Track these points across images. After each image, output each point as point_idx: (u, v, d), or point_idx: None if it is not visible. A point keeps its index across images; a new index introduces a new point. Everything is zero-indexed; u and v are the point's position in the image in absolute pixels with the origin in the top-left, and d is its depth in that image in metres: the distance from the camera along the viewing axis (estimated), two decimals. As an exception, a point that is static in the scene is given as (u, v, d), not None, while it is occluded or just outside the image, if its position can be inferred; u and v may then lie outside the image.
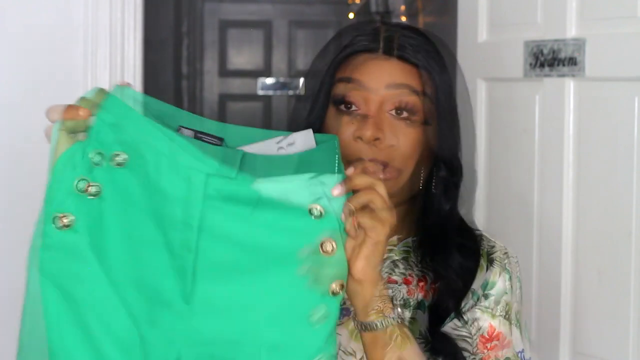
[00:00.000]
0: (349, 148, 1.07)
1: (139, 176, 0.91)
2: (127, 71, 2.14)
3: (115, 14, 2.12)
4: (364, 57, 1.10)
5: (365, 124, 1.06)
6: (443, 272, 1.08)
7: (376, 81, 1.08)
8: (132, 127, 0.91)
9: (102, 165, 0.91)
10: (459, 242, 1.11)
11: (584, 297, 1.88)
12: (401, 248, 1.15)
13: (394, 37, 1.10)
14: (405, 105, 1.08)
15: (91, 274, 0.90)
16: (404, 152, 1.08)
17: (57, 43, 2.10)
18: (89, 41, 2.10)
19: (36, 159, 2.12)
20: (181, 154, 0.89)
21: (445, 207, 1.12)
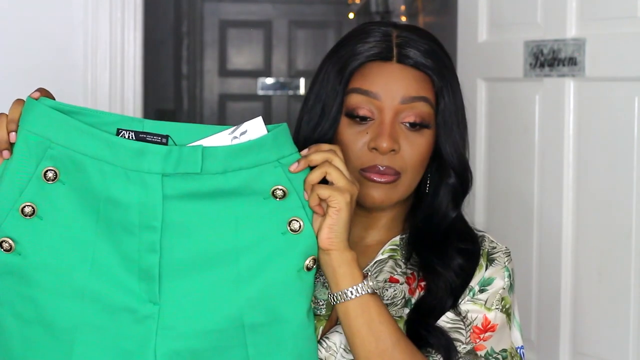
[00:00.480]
0: (364, 157, 1.08)
1: (75, 189, 0.89)
2: (127, 71, 2.15)
3: (115, 14, 2.12)
4: (377, 67, 1.09)
5: (381, 135, 1.06)
6: (443, 273, 1.08)
7: (392, 94, 1.08)
8: (60, 139, 0.90)
9: (32, 183, 0.89)
10: (460, 246, 1.11)
11: (584, 297, 1.88)
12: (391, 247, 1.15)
13: (407, 44, 1.10)
14: (420, 118, 1.08)
15: (42, 295, 0.89)
16: (417, 162, 1.09)
17: (57, 43, 2.10)
18: (89, 41, 2.10)
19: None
20: (127, 158, 0.88)
21: (451, 214, 1.13)
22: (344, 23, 4.45)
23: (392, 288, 1.11)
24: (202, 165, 0.89)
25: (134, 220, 0.89)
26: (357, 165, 1.08)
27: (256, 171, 0.92)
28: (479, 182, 2.19)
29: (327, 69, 1.12)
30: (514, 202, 2.09)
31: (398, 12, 4.08)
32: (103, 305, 0.90)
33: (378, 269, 1.13)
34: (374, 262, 1.13)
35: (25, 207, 0.89)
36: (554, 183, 1.94)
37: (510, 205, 2.11)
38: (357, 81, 1.09)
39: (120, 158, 0.89)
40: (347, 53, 1.11)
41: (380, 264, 1.13)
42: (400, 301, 1.10)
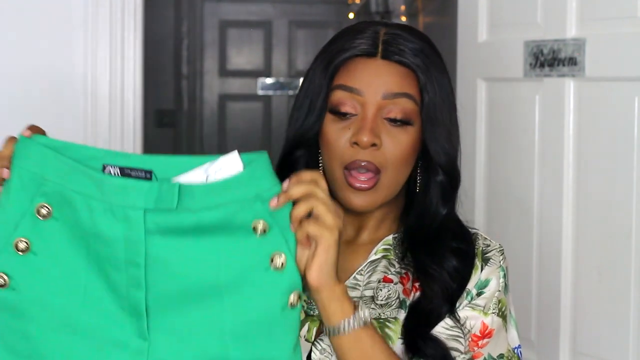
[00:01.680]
0: (345, 153, 1.07)
1: (68, 225, 0.90)
2: (127, 71, 2.14)
3: (115, 14, 2.12)
4: (362, 63, 1.09)
5: (362, 129, 1.06)
6: (437, 275, 1.08)
7: (374, 89, 1.07)
8: (52, 175, 0.90)
9: (26, 218, 0.90)
10: (454, 245, 1.11)
11: (584, 297, 1.88)
12: (384, 246, 1.14)
13: (393, 40, 1.09)
14: (402, 114, 1.08)
15: (36, 330, 0.90)
16: (399, 158, 1.08)
17: (57, 43, 2.10)
18: (89, 41, 2.10)
19: (36, 159, 2.12)
20: (112, 194, 0.88)
21: (442, 211, 1.12)
22: (344, 23, 4.44)
23: (386, 288, 1.10)
24: (178, 203, 0.89)
25: (119, 256, 0.89)
26: (340, 162, 1.08)
27: (235, 207, 0.90)
28: (479, 182, 2.19)
29: (315, 66, 1.13)
30: (514, 202, 2.09)
31: (398, 12, 4.08)
32: (96, 340, 0.90)
33: (371, 268, 1.12)
34: (367, 263, 1.13)
35: (19, 242, 0.89)
36: (554, 183, 1.94)
37: (510, 205, 2.11)
38: (342, 77, 1.09)
39: (106, 194, 0.89)
40: (334, 49, 1.11)
41: (373, 263, 1.13)
42: (394, 301, 1.10)
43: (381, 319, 1.08)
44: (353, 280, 1.12)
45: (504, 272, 1.12)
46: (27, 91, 2.09)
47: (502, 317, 1.10)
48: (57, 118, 2.11)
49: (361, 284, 1.11)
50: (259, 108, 4.85)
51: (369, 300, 1.10)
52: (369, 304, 1.09)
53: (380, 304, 1.09)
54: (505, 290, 1.12)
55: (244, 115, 4.82)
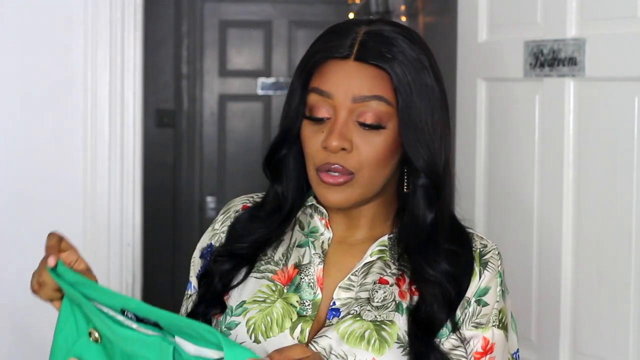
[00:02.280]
0: (317, 156, 1.07)
1: (110, 353, 0.99)
2: (127, 71, 2.15)
3: (115, 14, 2.12)
4: (335, 65, 1.07)
5: (331, 134, 1.05)
6: (432, 279, 1.07)
7: (344, 92, 1.06)
8: (87, 310, 1.00)
9: (82, 340, 1.00)
10: (448, 247, 1.09)
11: (583, 297, 1.88)
12: (380, 247, 1.14)
13: (370, 41, 1.07)
14: (373, 118, 1.06)
15: None
16: (374, 161, 1.07)
17: (57, 44, 2.10)
18: (89, 41, 2.10)
19: (35, 158, 2.12)
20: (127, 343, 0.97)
21: (429, 215, 1.10)
22: (344, 23, 4.44)
23: (382, 290, 1.10)
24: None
25: None
26: (313, 163, 1.08)
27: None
28: (479, 181, 2.18)
29: (297, 67, 1.13)
30: (514, 202, 2.09)
31: (398, 12, 4.08)
32: None
33: (365, 269, 1.12)
34: (362, 264, 1.12)
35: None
36: (553, 183, 1.94)
37: (510, 205, 2.11)
38: (316, 80, 1.09)
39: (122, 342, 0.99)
40: (312, 51, 1.11)
41: (368, 265, 1.12)
42: (390, 304, 1.09)
43: (377, 321, 1.07)
44: (347, 281, 1.11)
45: (501, 277, 1.11)
46: (27, 91, 2.09)
47: (503, 328, 1.10)
48: (57, 118, 2.12)
49: (355, 285, 1.11)
50: (259, 108, 4.85)
51: (365, 302, 1.09)
52: (365, 306, 1.09)
53: (376, 306, 1.08)
54: (503, 296, 1.11)
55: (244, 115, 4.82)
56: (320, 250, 1.14)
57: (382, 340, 1.06)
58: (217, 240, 1.21)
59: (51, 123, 2.11)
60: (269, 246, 1.17)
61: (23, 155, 2.10)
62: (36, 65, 2.09)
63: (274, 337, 1.08)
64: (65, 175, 2.12)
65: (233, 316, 1.12)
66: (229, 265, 1.15)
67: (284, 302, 1.11)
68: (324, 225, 1.15)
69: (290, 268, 1.14)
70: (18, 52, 2.08)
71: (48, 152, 2.11)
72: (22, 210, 2.11)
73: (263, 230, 1.16)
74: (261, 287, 1.13)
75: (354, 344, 1.05)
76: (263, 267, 1.16)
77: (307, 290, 1.11)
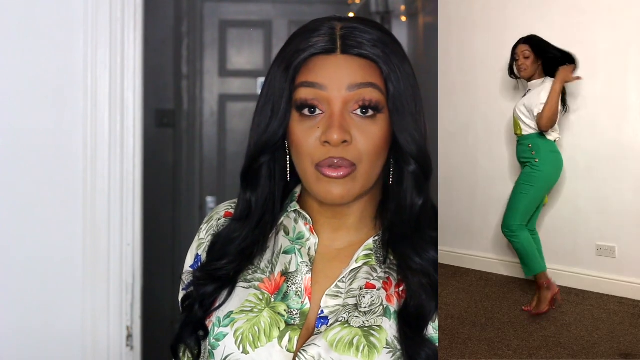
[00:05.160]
0: (316, 152, 1.06)
1: None
2: (127, 71, 2.15)
3: (115, 14, 2.12)
4: (322, 59, 1.08)
5: (331, 127, 1.05)
6: (419, 268, 1.07)
7: (337, 83, 1.06)
8: None
9: None
10: (434, 236, 1.10)
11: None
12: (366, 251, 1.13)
13: (350, 34, 1.08)
14: (369, 103, 1.06)
15: None
16: (372, 150, 1.07)
17: (57, 43, 2.10)
18: (89, 41, 2.10)
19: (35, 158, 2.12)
20: None
21: (418, 201, 1.10)
22: (344, 23, 4.45)
23: (370, 295, 1.09)
24: None
25: None
26: (311, 160, 1.07)
27: None
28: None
29: (274, 70, 1.11)
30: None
31: (398, 12, 4.08)
32: None
33: (352, 275, 1.11)
34: (350, 270, 1.11)
35: None
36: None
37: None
38: (303, 75, 1.08)
39: None
40: (291, 51, 1.10)
41: (355, 271, 1.11)
42: (378, 308, 1.09)
43: (365, 327, 1.07)
44: (335, 288, 1.11)
45: None
46: (27, 91, 2.09)
47: None
48: (57, 118, 2.11)
49: (343, 292, 1.10)
50: (259, 108, 4.84)
51: (352, 308, 1.09)
52: (353, 312, 1.08)
53: (364, 312, 1.08)
54: None
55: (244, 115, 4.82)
56: (308, 258, 1.13)
57: (371, 346, 1.05)
58: (203, 250, 1.21)
59: (51, 123, 2.11)
60: (254, 256, 1.16)
61: (23, 155, 2.10)
62: (36, 65, 2.09)
63: (263, 347, 1.08)
64: (65, 175, 2.12)
65: (221, 327, 1.11)
66: (210, 288, 1.15)
67: (272, 311, 1.10)
68: (309, 230, 1.15)
69: (277, 276, 1.14)
70: (18, 52, 2.08)
71: (48, 152, 2.11)
72: (22, 210, 2.11)
73: (240, 241, 1.15)
74: (248, 296, 1.13)
75: (343, 351, 1.05)
76: (250, 277, 1.15)
77: (295, 299, 1.10)
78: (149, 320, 2.29)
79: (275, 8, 4.83)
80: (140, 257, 2.22)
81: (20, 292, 2.10)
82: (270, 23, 4.85)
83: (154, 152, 4.10)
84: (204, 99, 4.80)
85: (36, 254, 2.11)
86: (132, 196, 2.18)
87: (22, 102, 2.10)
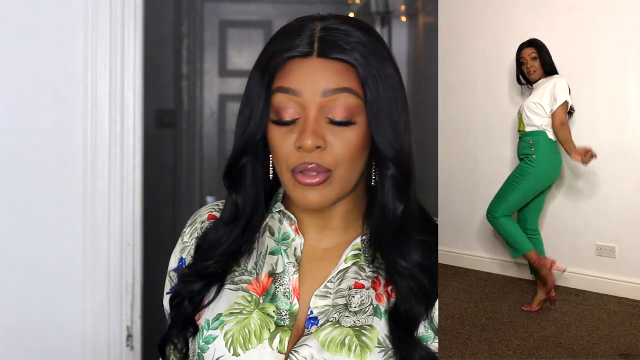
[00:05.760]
0: (291, 157, 1.05)
1: None
2: (127, 71, 2.14)
3: (115, 14, 2.12)
4: (298, 63, 1.05)
5: (304, 133, 1.03)
6: (406, 272, 1.06)
7: (312, 89, 1.04)
8: None
9: None
10: (420, 239, 1.08)
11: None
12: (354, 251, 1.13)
13: (329, 35, 1.06)
14: (344, 113, 1.04)
15: None
16: (348, 156, 1.05)
17: (57, 43, 2.10)
18: (89, 41, 2.10)
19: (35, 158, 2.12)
20: None
21: (399, 206, 1.08)
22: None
23: (359, 294, 1.09)
24: None
25: None
26: (286, 165, 1.06)
27: None
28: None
29: (253, 73, 1.10)
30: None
31: (398, 12, 4.08)
32: None
33: (340, 275, 1.11)
34: (337, 271, 1.11)
35: None
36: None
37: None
38: (279, 80, 1.06)
39: None
40: (269, 52, 1.08)
41: (343, 271, 1.11)
42: (368, 307, 1.08)
43: (357, 327, 1.07)
44: (324, 288, 1.10)
45: None
46: (27, 91, 2.09)
47: None
48: (57, 118, 2.11)
49: (332, 292, 1.10)
50: (259, 108, 4.84)
51: (342, 308, 1.08)
52: (343, 312, 1.08)
53: (354, 311, 1.08)
54: None
55: (244, 115, 4.82)
56: (294, 258, 1.13)
57: (363, 345, 1.05)
58: (187, 253, 1.20)
59: (51, 123, 2.11)
60: (240, 257, 1.16)
61: (23, 155, 2.10)
62: (36, 65, 2.08)
63: (253, 349, 1.07)
64: (65, 175, 2.12)
65: (210, 330, 1.11)
66: (199, 285, 1.14)
67: (261, 312, 1.10)
68: (294, 230, 1.15)
69: (264, 277, 1.13)
70: (18, 52, 2.08)
71: (48, 152, 2.11)
72: (22, 210, 2.11)
73: (228, 244, 1.14)
74: (237, 298, 1.12)
75: (335, 351, 1.04)
76: (237, 279, 1.15)
77: (283, 300, 1.10)
78: (149, 320, 2.29)
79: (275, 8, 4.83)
80: (140, 257, 2.22)
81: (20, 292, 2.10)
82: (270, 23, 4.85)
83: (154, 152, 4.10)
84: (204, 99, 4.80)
85: (36, 254, 2.11)
86: (132, 196, 2.18)
87: (22, 102, 2.10)
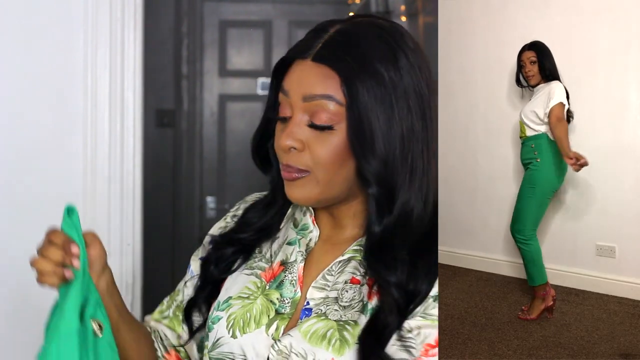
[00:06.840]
0: (278, 154, 1.10)
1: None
2: (127, 71, 2.15)
3: (115, 14, 2.12)
4: (298, 64, 1.07)
5: (283, 132, 1.07)
6: (388, 289, 1.03)
7: (298, 91, 1.06)
8: None
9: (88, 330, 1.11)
10: (405, 259, 1.04)
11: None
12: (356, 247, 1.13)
13: (333, 41, 1.05)
14: (322, 117, 1.04)
15: None
16: (326, 160, 1.05)
17: (57, 43, 2.10)
18: (89, 41, 2.10)
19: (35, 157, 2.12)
20: None
21: (376, 227, 1.06)
22: (344, 23, 4.44)
23: (352, 290, 1.09)
24: None
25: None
26: (280, 160, 1.10)
27: None
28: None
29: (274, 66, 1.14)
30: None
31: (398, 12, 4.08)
32: None
33: (340, 269, 1.11)
34: (335, 263, 1.11)
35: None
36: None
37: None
38: (284, 79, 1.10)
39: None
40: (290, 49, 1.11)
41: (341, 264, 1.11)
42: (357, 304, 1.07)
43: (341, 321, 1.06)
44: (322, 280, 1.11)
45: None
46: (27, 91, 2.09)
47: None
48: (57, 118, 2.12)
49: (330, 285, 1.10)
50: (259, 108, 4.84)
51: (333, 301, 1.08)
52: (332, 305, 1.08)
53: (343, 306, 1.07)
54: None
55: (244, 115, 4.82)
56: (305, 248, 1.15)
57: (343, 340, 1.03)
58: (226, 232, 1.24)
59: (51, 123, 2.11)
60: (266, 240, 1.19)
61: (23, 155, 2.10)
62: (36, 65, 2.08)
63: (250, 333, 1.09)
64: (65, 175, 2.12)
65: (218, 311, 1.14)
66: (229, 250, 1.19)
67: (265, 298, 1.12)
68: (312, 222, 1.17)
69: (276, 265, 1.16)
70: (18, 51, 2.08)
71: (48, 152, 2.11)
72: (22, 210, 2.11)
73: (264, 221, 1.19)
74: (248, 283, 1.15)
75: (315, 343, 1.04)
76: (255, 264, 1.18)
77: (289, 287, 1.11)
78: (149, 320, 2.28)
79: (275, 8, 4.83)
80: (140, 257, 2.22)
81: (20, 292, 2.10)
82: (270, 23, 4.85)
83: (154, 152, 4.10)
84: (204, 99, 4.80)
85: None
86: (132, 196, 2.18)
87: (22, 102, 2.10)
